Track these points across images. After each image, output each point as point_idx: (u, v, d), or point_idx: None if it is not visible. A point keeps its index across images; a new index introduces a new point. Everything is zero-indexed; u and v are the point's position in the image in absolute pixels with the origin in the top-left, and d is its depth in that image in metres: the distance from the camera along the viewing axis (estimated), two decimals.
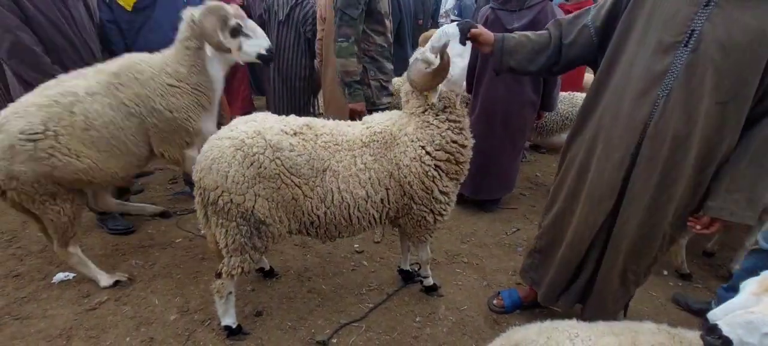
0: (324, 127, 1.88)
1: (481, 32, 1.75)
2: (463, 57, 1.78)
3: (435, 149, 1.86)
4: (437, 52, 1.65)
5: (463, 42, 1.73)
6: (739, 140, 1.43)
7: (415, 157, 1.86)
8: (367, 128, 1.92)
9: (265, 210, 1.75)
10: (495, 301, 2.37)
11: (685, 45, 1.36)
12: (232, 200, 1.71)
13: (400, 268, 2.58)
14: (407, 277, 2.55)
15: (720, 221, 1.49)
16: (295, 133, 1.78)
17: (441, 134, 1.86)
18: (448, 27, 1.73)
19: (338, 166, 1.82)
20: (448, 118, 1.86)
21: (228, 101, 3.94)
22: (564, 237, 1.90)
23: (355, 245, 2.89)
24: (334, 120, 2.00)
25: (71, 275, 2.49)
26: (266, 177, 1.72)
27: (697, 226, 1.53)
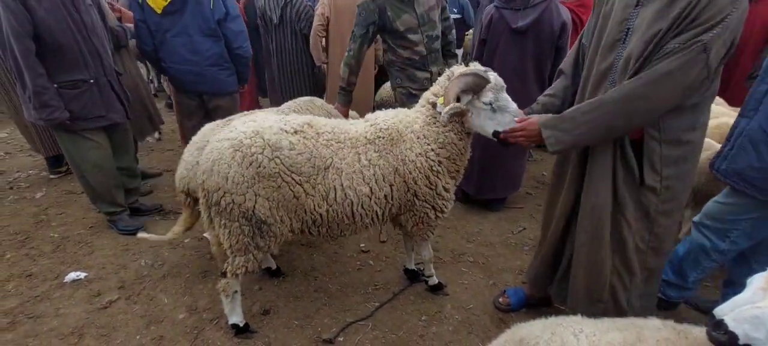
0: (326, 125, 1.89)
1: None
2: (495, 127, 1.78)
3: (438, 147, 1.90)
4: (457, 99, 1.75)
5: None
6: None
7: (421, 153, 1.89)
8: (371, 125, 1.94)
9: (265, 210, 1.76)
10: (501, 299, 2.37)
11: (623, 42, 1.52)
12: (233, 201, 1.73)
13: (405, 267, 2.59)
14: (413, 276, 2.55)
15: (529, 136, 1.65)
16: (296, 132, 1.80)
17: (444, 134, 1.90)
18: (517, 113, 1.78)
19: (341, 164, 1.83)
20: (454, 124, 1.91)
21: None
22: (549, 228, 1.98)
23: (361, 245, 2.90)
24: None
25: (82, 275, 2.54)
26: (266, 176, 1.73)
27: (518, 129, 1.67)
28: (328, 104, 2.91)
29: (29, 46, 2.38)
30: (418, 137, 1.90)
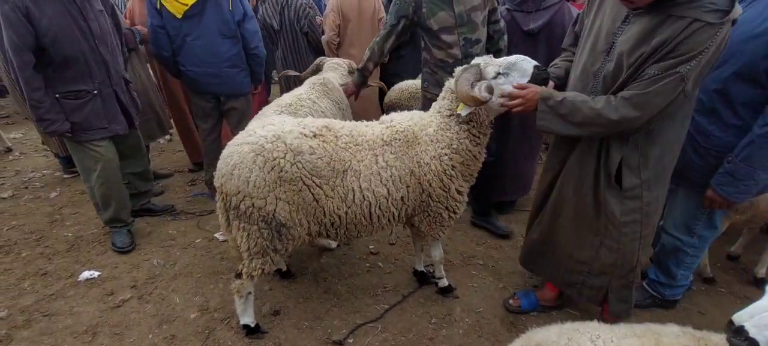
0: (343, 128, 1.91)
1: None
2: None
3: (452, 152, 1.92)
4: (486, 89, 1.78)
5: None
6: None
7: (435, 156, 1.91)
8: (387, 127, 1.95)
9: (285, 213, 1.78)
10: (511, 301, 2.36)
11: (607, 54, 1.64)
12: (253, 204, 1.73)
13: (415, 269, 2.58)
14: (422, 279, 2.55)
15: (526, 105, 1.78)
16: (315, 136, 1.81)
17: (459, 140, 1.92)
18: (525, 62, 1.82)
19: (359, 166, 1.84)
20: (470, 130, 1.92)
21: None
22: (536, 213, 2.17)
23: (370, 247, 2.91)
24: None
25: (96, 274, 2.58)
26: (287, 180, 1.74)
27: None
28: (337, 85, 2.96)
29: (27, 60, 2.28)
30: (433, 141, 1.92)
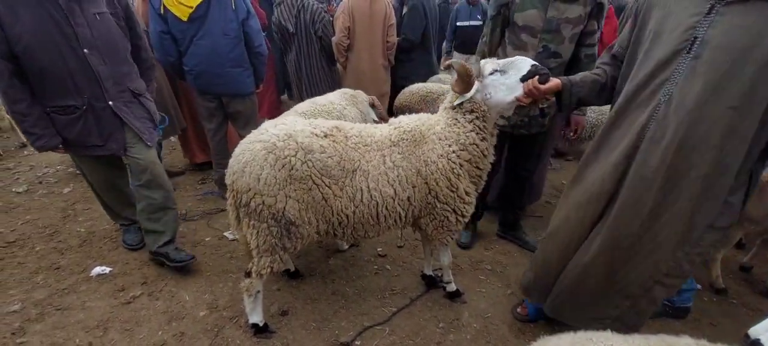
0: (353, 128, 1.93)
1: (551, 82, 1.77)
2: (511, 91, 1.81)
3: (459, 149, 1.91)
4: (472, 73, 1.80)
5: (524, 79, 1.78)
6: None
7: (442, 154, 1.91)
8: (396, 129, 1.97)
9: (295, 211, 1.79)
10: (519, 309, 2.34)
11: (688, 52, 1.40)
12: (263, 202, 1.75)
13: (423, 273, 2.58)
14: (430, 282, 2.54)
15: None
16: (326, 136, 1.83)
17: (466, 134, 1.91)
18: (523, 61, 1.80)
19: (368, 166, 1.86)
20: (475, 122, 1.91)
21: None
22: (555, 240, 1.94)
23: (378, 249, 2.91)
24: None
25: (107, 269, 2.61)
26: (298, 179, 1.76)
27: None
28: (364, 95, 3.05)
29: (1, 69, 2.01)
30: (440, 139, 1.92)
